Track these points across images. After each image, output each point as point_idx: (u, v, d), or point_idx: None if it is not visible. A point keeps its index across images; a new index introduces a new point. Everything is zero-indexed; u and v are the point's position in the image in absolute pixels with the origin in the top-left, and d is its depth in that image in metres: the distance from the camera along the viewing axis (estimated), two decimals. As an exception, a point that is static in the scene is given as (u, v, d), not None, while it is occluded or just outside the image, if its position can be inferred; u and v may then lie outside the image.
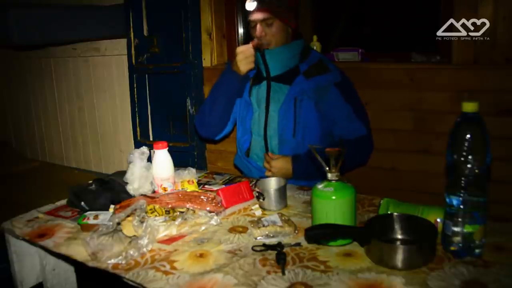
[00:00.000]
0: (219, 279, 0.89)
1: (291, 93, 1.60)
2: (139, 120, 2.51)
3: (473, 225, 0.91)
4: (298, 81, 1.61)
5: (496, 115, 1.66)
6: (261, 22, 1.56)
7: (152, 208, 1.15)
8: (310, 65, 1.63)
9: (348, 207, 1.02)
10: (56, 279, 1.32)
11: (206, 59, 2.33)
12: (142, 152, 1.38)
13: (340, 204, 1.01)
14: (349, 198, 1.01)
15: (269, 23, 1.56)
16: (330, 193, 1.00)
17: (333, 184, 1.02)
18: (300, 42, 1.67)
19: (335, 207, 1.01)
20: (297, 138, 1.61)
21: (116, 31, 2.50)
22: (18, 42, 2.31)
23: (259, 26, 1.57)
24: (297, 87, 1.60)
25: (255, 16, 1.56)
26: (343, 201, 1.01)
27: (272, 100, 1.65)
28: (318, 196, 1.02)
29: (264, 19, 1.56)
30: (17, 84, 3.45)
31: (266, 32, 1.57)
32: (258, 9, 1.55)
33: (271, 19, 1.56)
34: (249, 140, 1.73)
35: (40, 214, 1.29)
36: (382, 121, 1.90)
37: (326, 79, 1.60)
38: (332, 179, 1.03)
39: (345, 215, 1.01)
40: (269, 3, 1.54)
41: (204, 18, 2.29)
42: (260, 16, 1.55)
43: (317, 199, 1.03)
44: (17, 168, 3.21)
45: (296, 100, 1.60)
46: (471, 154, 0.88)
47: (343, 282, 0.86)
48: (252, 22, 1.59)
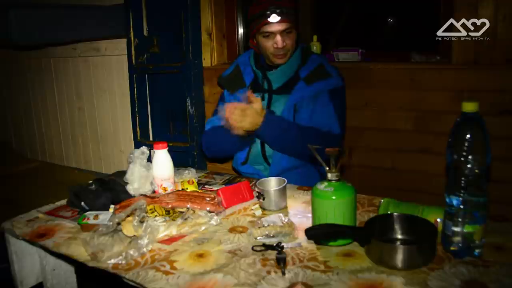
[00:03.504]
0: (219, 279, 0.89)
1: (291, 101, 1.59)
2: (139, 120, 2.52)
3: (473, 225, 0.91)
4: (298, 88, 1.60)
5: (496, 115, 1.66)
6: (282, 32, 1.55)
7: (152, 208, 1.15)
8: (311, 70, 1.61)
9: (348, 207, 1.02)
10: (56, 279, 1.32)
11: (206, 59, 2.33)
12: (142, 152, 1.38)
13: (340, 204, 1.00)
14: (349, 198, 1.01)
15: (288, 32, 1.56)
16: (330, 193, 1.00)
17: (333, 184, 1.02)
18: (300, 47, 1.67)
19: (335, 207, 1.00)
20: None
21: (116, 31, 2.50)
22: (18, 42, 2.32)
23: (280, 37, 1.54)
24: (297, 94, 1.59)
25: (276, 27, 1.54)
26: (343, 201, 1.00)
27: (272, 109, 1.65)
28: (318, 196, 1.02)
29: (285, 29, 1.55)
30: (17, 84, 3.45)
31: (286, 43, 1.56)
32: (281, 20, 1.53)
33: (291, 27, 1.56)
34: (246, 151, 1.70)
35: (40, 214, 1.29)
36: (382, 121, 1.91)
37: (327, 84, 1.59)
38: (332, 179, 1.03)
39: (345, 215, 1.01)
40: (288, 14, 1.53)
41: (204, 18, 2.30)
42: (282, 27, 1.54)
43: (317, 199, 1.03)
44: (17, 168, 3.21)
45: (296, 107, 1.59)
46: (471, 154, 0.88)
47: (343, 282, 0.86)
48: (268, 33, 1.56)
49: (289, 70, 1.64)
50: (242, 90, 1.69)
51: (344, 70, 1.70)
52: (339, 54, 2.19)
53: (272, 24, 1.54)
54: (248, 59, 1.77)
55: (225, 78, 1.79)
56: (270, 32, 1.55)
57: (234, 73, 1.77)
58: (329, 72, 1.61)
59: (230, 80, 1.77)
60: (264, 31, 1.56)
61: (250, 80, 1.72)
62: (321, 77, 1.59)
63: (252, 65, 1.73)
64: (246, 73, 1.74)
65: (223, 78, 1.80)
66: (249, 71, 1.73)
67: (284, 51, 1.58)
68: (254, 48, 1.72)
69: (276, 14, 1.51)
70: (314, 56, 1.69)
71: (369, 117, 1.94)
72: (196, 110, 2.28)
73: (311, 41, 2.21)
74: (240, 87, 1.71)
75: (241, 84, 1.72)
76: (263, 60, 1.71)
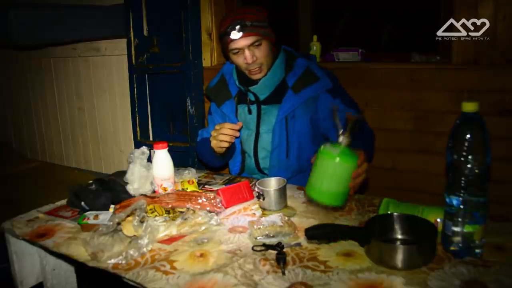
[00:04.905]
0: (219, 279, 0.89)
1: (281, 114, 1.54)
2: (139, 120, 2.51)
3: (473, 225, 0.91)
4: (287, 98, 1.54)
5: (496, 115, 1.66)
6: (249, 47, 1.48)
7: (152, 208, 1.15)
8: (298, 77, 1.55)
9: (347, 173, 1.04)
10: (56, 279, 1.32)
11: (206, 59, 2.33)
12: (142, 152, 1.39)
13: (341, 167, 1.03)
14: (350, 165, 1.04)
15: (257, 45, 1.49)
16: (335, 154, 1.02)
17: (341, 147, 1.04)
18: (282, 54, 1.60)
19: (335, 169, 1.03)
20: (291, 158, 1.57)
21: (116, 31, 2.50)
22: (18, 42, 2.31)
23: (248, 51, 1.48)
24: (286, 105, 1.54)
25: (242, 43, 1.47)
26: (345, 166, 1.03)
27: (262, 121, 1.61)
28: (323, 153, 1.05)
29: (252, 43, 1.48)
30: (17, 84, 3.45)
31: (256, 56, 1.49)
32: (243, 35, 1.46)
33: (259, 40, 1.48)
34: (239, 162, 1.69)
35: (40, 214, 1.29)
36: (382, 121, 1.91)
37: (316, 89, 1.53)
38: (342, 141, 1.04)
39: (341, 180, 1.04)
40: (252, 27, 1.46)
41: (204, 18, 2.30)
42: (248, 41, 1.47)
43: (322, 157, 1.05)
44: (17, 168, 3.21)
45: (287, 119, 1.54)
46: (471, 154, 0.88)
47: (343, 282, 0.86)
48: (236, 49, 1.50)
49: (272, 81, 1.57)
50: (228, 102, 1.67)
51: (344, 70, 1.70)
52: (339, 54, 2.19)
53: (236, 41, 1.47)
54: (232, 69, 1.70)
55: (212, 89, 1.74)
56: (238, 48, 1.49)
57: (220, 84, 1.72)
58: (317, 75, 1.54)
59: (216, 91, 1.72)
60: (231, 48, 1.51)
61: (236, 90, 1.67)
62: (309, 83, 1.53)
63: (235, 80, 1.66)
64: (231, 83, 1.69)
65: (210, 89, 1.75)
66: (234, 81, 1.68)
67: (257, 64, 1.51)
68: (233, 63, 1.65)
69: (237, 30, 1.45)
70: (300, 60, 1.60)
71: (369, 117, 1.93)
72: (196, 110, 2.28)
73: (311, 41, 2.21)
74: (226, 98, 1.68)
75: (227, 95, 1.68)
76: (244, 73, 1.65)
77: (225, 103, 1.67)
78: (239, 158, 1.69)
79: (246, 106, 1.64)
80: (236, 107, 1.67)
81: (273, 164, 1.59)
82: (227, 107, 1.67)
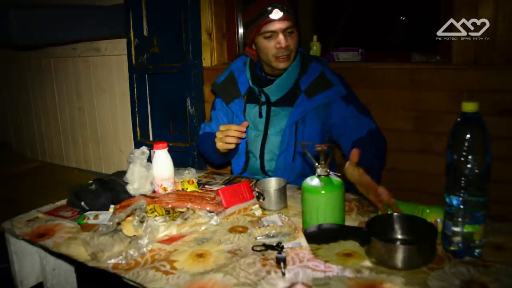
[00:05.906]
0: (219, 279, 0.89)
1: (293, 118, 1.53)
2: (139, 120, 2.52)
3: (473, 225, 0.91)
4: (300, 103, 1.53)
5: (496, 115, 1.66)
6: (284, 31, 1.49)
7: (152, 208, 1.15)
8: (311, 81, 1.54)
9: (337, 201, 1.04)
10: (56, 279, 1.32)
11: (206, 59, 2.34)
12: (142, 152, 1.39)
13: (330, 198, 1.03)
14: (338, 193, 1.04)
15: (290, 32, 1.49)
16: (319, 188, 1.03)
17: (323, 179, 1.05)
18: (298, 56, 1.59)
19: (325, 202, 1.03)
20: (296, 162, 1.57)
21: (116, 31, 2.50)
22: (18, 42, 2.32)
23: (283, 36, 1.48)
24: (298, 109, 1.53)
25: (278, 25, 1.47)
26: (332, 195, 1.03)
27: (271, 123, 1.59)
28: (308, 191, 1.05)
29: (287, 28, 1.48)
30: (17, 84, 3.45)
31: (289, 43, 1.49)
32: (282, 17, 1.46)
33: (292, 27, 1.49)
34: (242, 162, 1.68)
35: (40, 214, 1.29)
36: (382, 121, 1.89)
37: (330, 95, 1.52)
38: (321, 174, 1.05)
39: (335, 209, 1.04)
40: (289, 13, 1.47)
41: (204, 18, 2.30)
42: (284, 25, 1.47)
43: (307, 194, 1.05)
44: (17, 168, 3.21)
45: (298, 123, 1.53)
46: (471, 154, 0.88)
47: (343, 282, 0.86)
48: (270, 32, 1.49)
49: (287, 82, 1.57)
50: (237, 100, 1.65)
51: (344, 70, 1.69)
52: (339, 54, 2.18)
53: (274, 22, 1.47)
54: (244, 65, 1.69)
55: (219, 85, 1.71)
56: (272, 32, 1.48)
57: (228, 81, 1.69)
58: (331, 81, 1.53)
59: (224, 88, 1.70)
60: (265, 31, 1.49)
61: (245, 89, 1.65)
62: (322, 88, 1.52)
63: (248, 79, 1.65)
64: (241, 81, 1.67)
65: (217, 85, 1.72)
66: (244, 79, 1.66)
67: (288, 51, 1.50)
68: (251, 57, 1.65)
69: (279, 9, 1.45)
70: (315, 64, 1.60)
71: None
72: (196, 110, 2.28)
73: (311, 41, 2.21)
74: (235, 96, 1.66)
75: (236, 93, 1.66)
76: (259, 71, 1.65)
77: (234, 101, 1.65)
78: (243, 158, 1.68)
79: (255, 105, 1.62)
80: (244, 106, 1.65)
81: (279, 167, 1.59)
82: (236, 105, 1.65)
